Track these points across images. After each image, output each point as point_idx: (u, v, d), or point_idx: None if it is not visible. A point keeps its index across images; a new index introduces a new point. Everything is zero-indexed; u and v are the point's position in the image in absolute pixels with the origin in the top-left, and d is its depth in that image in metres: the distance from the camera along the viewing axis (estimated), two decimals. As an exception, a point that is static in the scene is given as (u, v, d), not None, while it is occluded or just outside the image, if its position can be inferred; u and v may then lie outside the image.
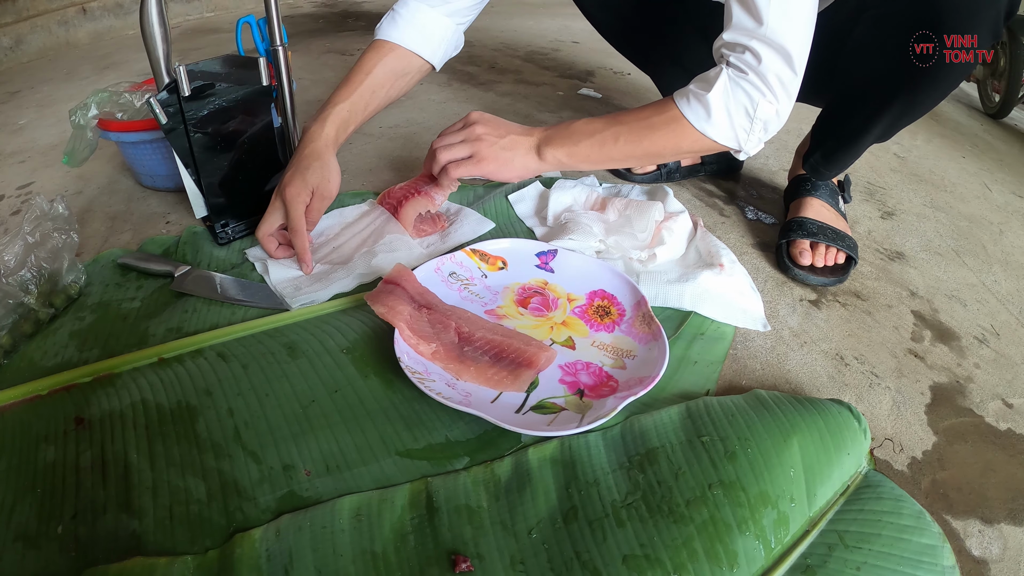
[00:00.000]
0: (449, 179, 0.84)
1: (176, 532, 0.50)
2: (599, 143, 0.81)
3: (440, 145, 0.84)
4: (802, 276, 0.90)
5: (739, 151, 0.80)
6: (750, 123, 0.75)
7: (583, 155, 0.82)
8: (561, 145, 0.82)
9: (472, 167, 0.81)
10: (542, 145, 0.82)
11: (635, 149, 0.81)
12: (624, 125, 0.80)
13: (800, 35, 0.71)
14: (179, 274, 0.78)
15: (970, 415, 0.71)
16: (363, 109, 0.89)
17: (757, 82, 0.72)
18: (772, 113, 0.75)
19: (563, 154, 0.82)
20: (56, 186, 1.03)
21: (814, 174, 1.00)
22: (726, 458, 0.56)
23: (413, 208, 0.88)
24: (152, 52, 0.77)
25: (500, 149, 0.82)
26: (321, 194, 0.82)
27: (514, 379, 0.64)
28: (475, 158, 0.81)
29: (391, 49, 0.89)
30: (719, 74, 0.74)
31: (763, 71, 0.71)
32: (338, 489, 0.54)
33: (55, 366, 0.66)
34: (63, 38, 1.82)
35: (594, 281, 0.80)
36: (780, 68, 0.72)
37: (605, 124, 0.81)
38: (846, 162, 0.97)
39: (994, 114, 1.95)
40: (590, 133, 0.81)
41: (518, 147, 0.82)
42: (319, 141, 0.83)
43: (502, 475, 0.56)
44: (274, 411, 0.60)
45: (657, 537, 0.50)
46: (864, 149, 0.95)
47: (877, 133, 0.89)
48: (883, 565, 0.51)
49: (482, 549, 0.50)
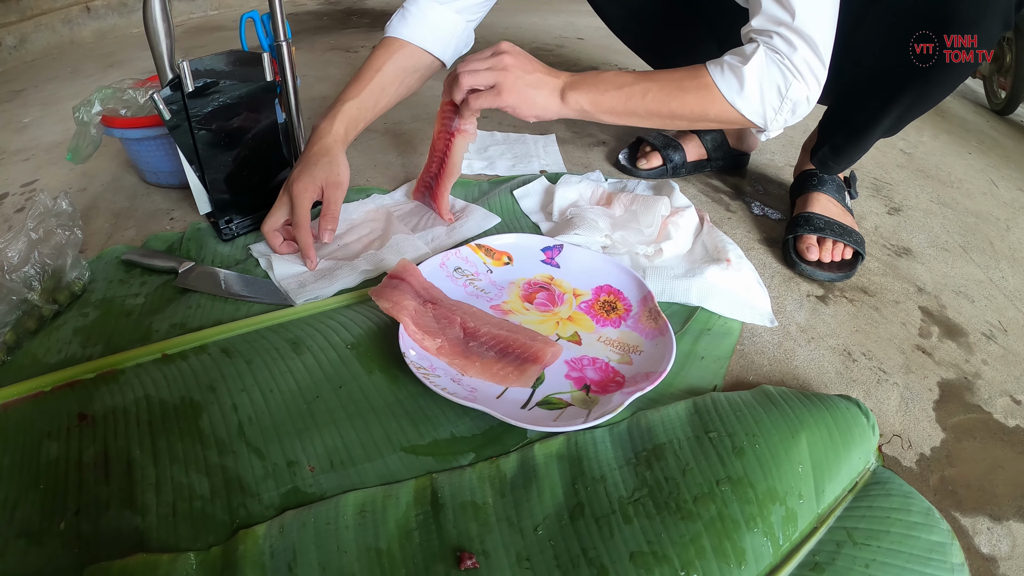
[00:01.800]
0: (470, 111, 0.82)
1: (179, 529, 0.50)
2: (626, 96, 0.79)
3: (465, 70, 0.80)
4: (809, 272, 0.89)
5: (762, 131, 0.79)
6: (780, 102, 0.75)
7: (607, 105, 0.80)
8: (587, 92, 0.80)
9: (493, 98, 0.79)
10: (567, 89, 0.80)
11: (661, 108, 0.79)
12: (654, 83, 0.79)
13: (827, 28, 0.73)
14: (183, 270, 0.78)
15: (978, 411, 0.70)
16: (373, 106, 0.89)
17: (790, 65, 0.73)
18: (803, 97, 0.75)
19: (587, 101, 0.80)
20: (60, 183, 1.03)
21: (822, 168, 0.99)
22: (734, 454, 0.55)
23: (461, 148, 0.87)
24: (155, 48, 0.77)
25: (525, 84, 0.79)
26: (332, 187, 0.81)
27: (520, 374, 0.64)
28: (497, 88, 0.79)
29: (401, 46, 0.89)
30: (755, 50, 0.74)
31: (796, 57, 0.72)
32: (342, 485, 0.54)
33: (59, 362, 0.66)
34: (67, 36, 1.82)
35: (600, 276, 0.80)
36: (811, 57, 0.73)
37: (635, 79, 0.80)
38: (854, 156, 0.97)
39: (1000, 110, 1.94)
40: (618, 85, 0.80)
41: (543, 86, 0.80)
42: (328, 138, 0.83)
43: (508, 471, 0.56)
44: (278, 407, 0.60)
45: (664, 534, 0.50)
46: (873, 143, 0.94)
47: (886, 126, 0.89)
48: (892, 562, 0.50)
49: (488, 546, 0.50)
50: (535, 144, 1.20)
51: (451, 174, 0.89)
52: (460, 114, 0.85)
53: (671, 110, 0.79)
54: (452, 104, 0.85)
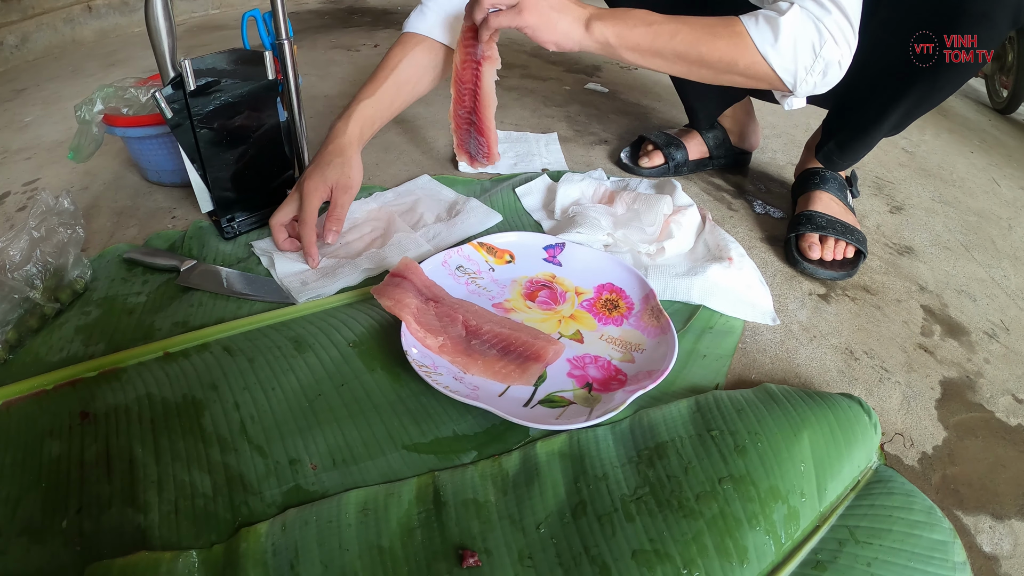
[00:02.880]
0: (489, 28, 0.78)
1: (181, 526, 0.50)
2: (653, 34, 0.77)
3: None
4: (811, 270, 0.89)
5: (789, 93, 0.78)
6: (812, 60, 0.74)
7: (632, 41, 0.77)
8: (613, 24, 0.77)
9: (514, 16, 0.75)
10: (593, 19, 0.77)
11: (688, 51, 0.77)
12: (685, 25, 0.77)
13: (857, 7, 0.72)
14: (185, 268, 0.78)
15: (980, 410, 0.70)
16: (388, 106, 0.89)
17: (824, 26, 0.72)
18: (835, 59, 0.74)
19: (612, 33, 0.77)
20: (62, 182, 1.03)
21: (827, 164, 0.99)
22: (736, 452, 0.55)
23: (490, 75, 0.85)
24: (157, 47, 0.77)
25: (548, 7, 0.76)
26: (342, 190, 0.81)
27: (522, 372, 0.64)
28: (519, 7, 0.75)
29: (419, 42, 0.89)
30: (791, 6, 0.72)
31: (829, 20, 0.71)
32: (344, 483, 0.54)
33: (60, 361, 0.66)
34: (69, 36, 1.82)
35: (602, 275, 0.80)
36: (843, 22, 0.72)
37: (665, 19, 0.77)
38: (860, 152, 0.96)
39: (1002, 109, 1.94)
40: (648, 22, 0.77)
41: (567, 11, 0.77)
42: (343, 138, 0.83)
43: (510, 469, 0.56)
44: (280, 405, 0.60)
45: (667, 532, 0.50)
46: (878, 139, 0.94)
47: (892, 123, 0.88)
48: (894, 561, 0.50)
49: (490, 544, 0.49)
50: (537, 142, 1.20)
51: (488, 104, 0.87)
52: (479, 36, 0.81)
53: (699, 54, 0.77)
54: (474, 30, 0.82)
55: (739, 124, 1.16)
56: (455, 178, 1.06)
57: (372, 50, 1.76)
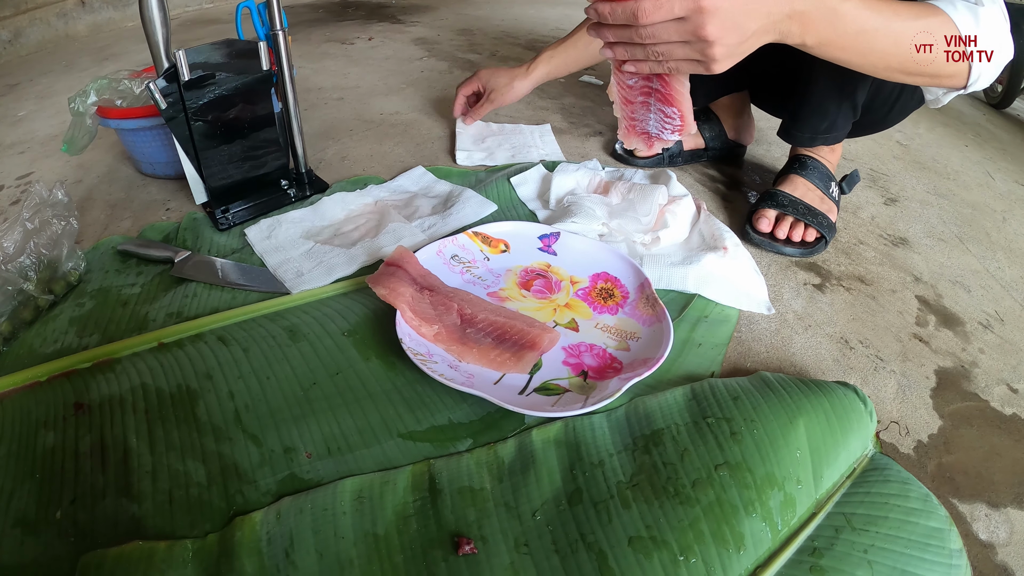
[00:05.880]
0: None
1: (176, 516, 0.50)
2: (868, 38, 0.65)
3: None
4: (758, 240, 0.91)
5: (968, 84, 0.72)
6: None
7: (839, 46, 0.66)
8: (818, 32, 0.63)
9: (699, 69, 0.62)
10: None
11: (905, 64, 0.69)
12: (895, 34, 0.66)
13: None
14: (179, 259, 0.77)
15: (975, 400, 0.71)
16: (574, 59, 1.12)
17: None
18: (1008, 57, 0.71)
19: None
20: (56, 175, 1.02)
21: (786, 137, 1.00)
22: (732, 439, 0.55)
23: None
24: (151, 37, 0.76)
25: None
26: (493, 98, 1.12)
27: (517, 360, 0.64)
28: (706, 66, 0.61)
29: None
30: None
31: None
32: (340, 471, 0.54)
33: (54, 352, 0.65)
34: (62, 31, 1.81)
35: (597, 264, 0.80)
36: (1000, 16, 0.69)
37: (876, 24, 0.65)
38: (816, 124, 0.94)
39: (997, 104, 1.94)
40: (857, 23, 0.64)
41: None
42: (521, 69, 1.12)
43: (505, 457, 0.56)
44: (275, 394, 0.60)
45: (663, 518, 0.49)
46: (835, 114, 0.93)
47: (839, 89, 0.89)
48: (890, 548, 0.50)
49: (486, 531, 0.49)
50: (531, 134, 1.20)
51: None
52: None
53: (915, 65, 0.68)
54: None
55: (735, 117, 1.16)
56: (450, 169, 1.06)
57: (366, 43, 1.75)
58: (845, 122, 0.94)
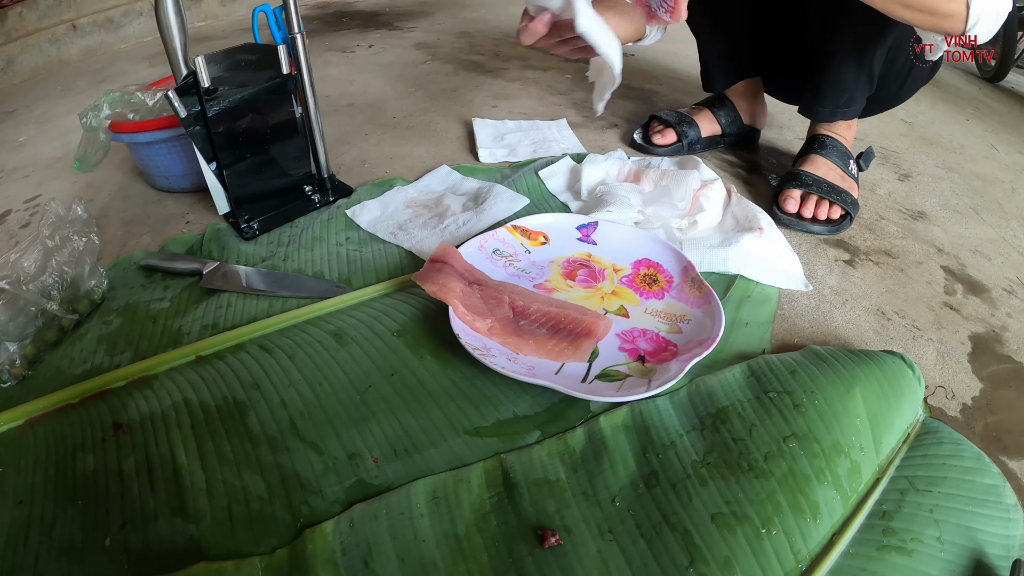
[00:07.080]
0: None
1: (238, 533, 0.47)
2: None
3: None
4: (788, 221, 0.91)
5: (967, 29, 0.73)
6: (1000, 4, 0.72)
7: None
8: None
9: None
10: None
11: None
12: None
13: None
14: (208, 271, 0.74)
15: (1010, 362, 0.72)
16: None
17: None
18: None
19: None
20: (65, 196, 0.99)
21: (807, 112, 1.00)
22: (796, 411, 0.55)
23: None
24: (169, 44, 0.74)
25: None
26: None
27: (575, 349, 0.62)
28: None
29: None
30: None
31: None
32: (410, 473, 0.51)
33: (84, 373, 0.62)
34: (55, 56, 1.78)
35: (637, 250, 0.78)
36: None
37: None
38: (835, 98, 0.95)
39: (991, 78, 1.95)
40: None
41: None
42: None
43: (576, 446, 0.54)
44: (330, 399, 0.57)
45: (741, 493, 0.49)
46: (853, 87, 0.93)
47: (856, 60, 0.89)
48: (953, 506, 0.51)
49: (568, 521, 0.48)
50: (549, 129, 1.18)
51: None
52: None
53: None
54: None
55: (750, 102, 1.16)
56: (474, 167, 1.04)
57: (367, 51, 1.73)
58: (862, 95, 0.96)
